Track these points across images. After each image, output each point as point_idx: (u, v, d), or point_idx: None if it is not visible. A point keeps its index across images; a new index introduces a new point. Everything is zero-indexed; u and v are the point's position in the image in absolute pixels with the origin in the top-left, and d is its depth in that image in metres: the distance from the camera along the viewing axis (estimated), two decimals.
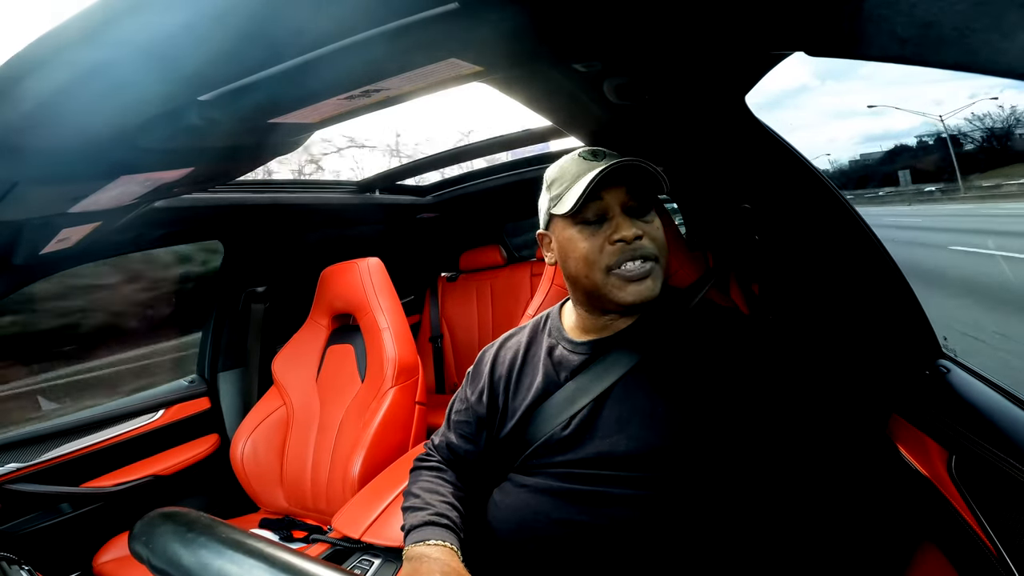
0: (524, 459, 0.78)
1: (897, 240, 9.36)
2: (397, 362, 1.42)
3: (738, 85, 0.73)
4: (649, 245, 0.74)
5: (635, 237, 0.73)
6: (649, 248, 0.74)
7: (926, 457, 0.76)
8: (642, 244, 0.74)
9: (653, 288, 0.74)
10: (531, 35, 0.57)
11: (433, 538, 0.70)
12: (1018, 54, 0.28)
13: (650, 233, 0.75)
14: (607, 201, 0.75)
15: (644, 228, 0.75)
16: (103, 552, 1.36)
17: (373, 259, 1.59)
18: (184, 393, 1.77)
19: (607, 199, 0.75)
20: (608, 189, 0.75)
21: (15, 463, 1.37)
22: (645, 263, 0.73)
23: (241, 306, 1.88)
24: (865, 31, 0.39)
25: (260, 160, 1.01)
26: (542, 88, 0.81)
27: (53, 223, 0.95)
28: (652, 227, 0.76)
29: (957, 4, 0.30)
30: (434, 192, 2.52)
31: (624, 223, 0.74)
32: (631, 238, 0.73)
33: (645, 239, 0.74)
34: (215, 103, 0.62)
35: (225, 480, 1.60)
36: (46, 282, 1.39)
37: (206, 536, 0.46)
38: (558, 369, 0.81)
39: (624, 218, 0.75)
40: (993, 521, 0.64)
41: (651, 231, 0.75)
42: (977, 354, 3.85)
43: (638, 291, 0.73)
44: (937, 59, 0.34)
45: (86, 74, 0.49)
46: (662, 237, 0.76)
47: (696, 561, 0.65)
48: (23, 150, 0.61)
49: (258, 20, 0.45)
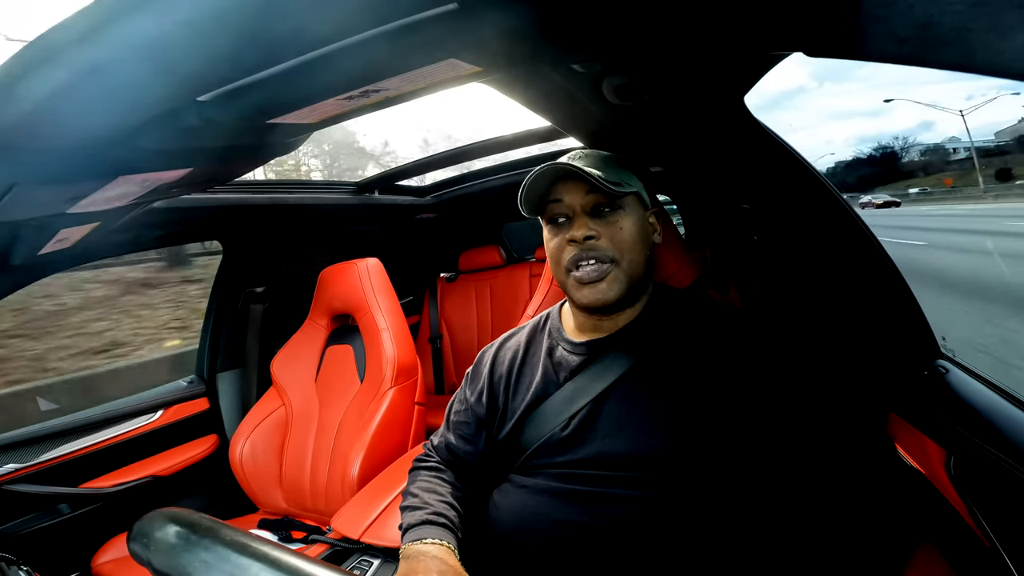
0: (523, 460, 0.78)
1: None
2: (396, 363, 1.42)
3: (737, 86, 0.73)
4: (605, 246, 0.74)
5: (585, 237, 0.73)
6: (604, 250, 0.74)
7: (924, 456, 0.77)
8: (595, 245, 0.74)
9: (607, 292, 0.74)
10: (530, 35, 0.57)
11: (430, 537, 0.70)
12: (1015, 54, 0.28)
13: (609, 234, 0.74)
14: (567, 202, 0.76)
15: (602, 229, 0.74)
16: (102, 553, 1.35)
17: (372, 259, 1.59)
18: (183, 393, 1.77)
19: (567, 200, 0.76)
20: (568, 190, 0.76)
21: (13, 463, 1.36)
22: (600, 264, 0.73)
23: (240, 306, 1.88)
24: (864, 31, 0.39)
25: (259, 161, 1.01)
26: (541, 88, 0.81)
27: (52, 223, 0.95)
28: (613, 228, 0.75)
29: (955, 4, 0.30)
30: (433, 192, 2.52)
31: (579, 223, 0.75)
32: (580, 238, 0.73)
33: (602, 240, 0.74)
34: (214, 104, 0.62)
35: (224, 480, 1.60)
36: None
37: (205, 537, 0.46)
38: (557, 369, 0.81)
39: (582, 218, 0.75)
40: (991, 520, 0.64)
41: (611, 231, 0.75)
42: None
43: (591, 294, 0.74)
44: (935, 59, 0.34)
45: (85, 74, 0.49)
46: (626, 237, 0.75)
47: (695, 561, 0.65)
48: (21, 150, 0.61)
49: (257, 21, 0.45)
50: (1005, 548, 0.61)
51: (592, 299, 0.74)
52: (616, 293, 0.74)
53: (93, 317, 5.74)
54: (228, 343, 1.88)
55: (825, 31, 0.44)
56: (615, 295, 0.74)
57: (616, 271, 0.74)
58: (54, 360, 4.90)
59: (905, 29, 0.34)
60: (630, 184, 0.77)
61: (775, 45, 0.57)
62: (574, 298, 0.77)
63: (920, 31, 0.33)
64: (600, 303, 0.74)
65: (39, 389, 4.01)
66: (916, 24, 0.33)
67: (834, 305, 1.04)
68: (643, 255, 0.78)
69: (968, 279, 6.58)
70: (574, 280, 0.75)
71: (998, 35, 0.28)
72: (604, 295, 0.74)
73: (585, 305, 0.76)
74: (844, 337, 1.01)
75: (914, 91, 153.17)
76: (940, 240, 11.57)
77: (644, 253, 0.78)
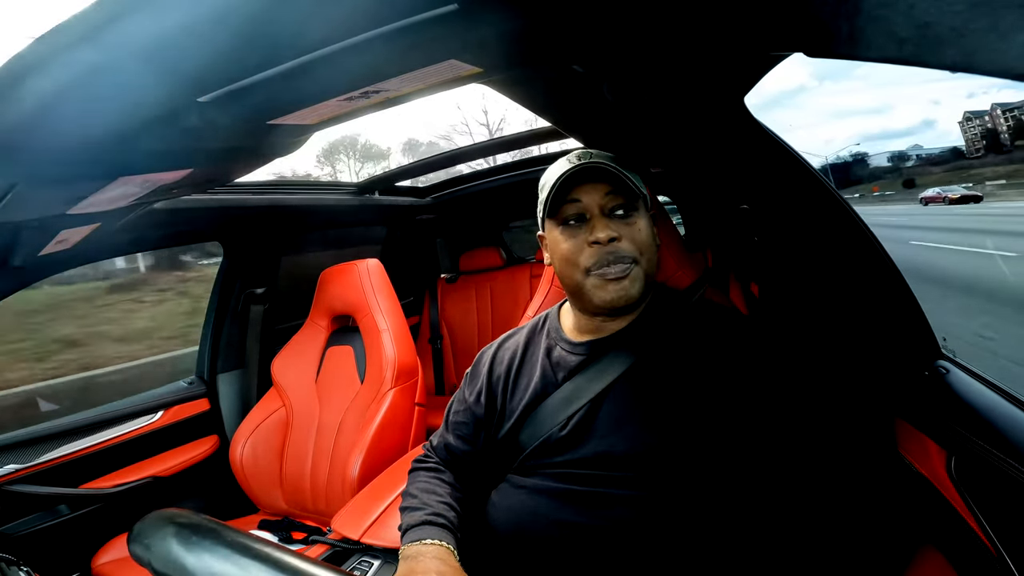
0: (522, 460, 0.78)
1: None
2: (396, 363, 1.42)
3: (737, 86, 0.73)
4: (626, 247, 0.74)
5: (609, 239, 0.73)
6: (626, 250, 0.74)
7: (926, 458, 0.76)
8: (618, 247, 0.74)
9: (630, 289, 0.74)
10: (530, 37, 0.57)
11: (430, 537, 0.70)
12: (1015, 55, 0.28)
13: (629, 234, 0.75)
14: (585, 202, 0.76)
15: (622, 229, 0.75)
16: (102, 553, 1.36)
17: (372, 260, 1.59)
18: (183, 394, 1.77)
19: (585, 200, 0.76)
20: (586, 191, 0.76)
21: (14, 464, 1.36)
22: (621, 265, 0.74)
23: (240, 307, 1.88)
24: (864, 32, 0.39)
25: (259, 161, 1.01)
26: (541, 89, 0.81)
27: (52, 224, 0.95)
28: (633, 228, 0.76)
29: (955, 5, 0.30)
30: (434, 193, 2.52)
31: (600, 224, 0.75)
32: (605, 240, 0.73)
33: (623, 241, 0.74)
34: (214, 104, 0.62)
35: (224, 481, 1.60)
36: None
37: (205, 537, 0.46)
38: (556, 370, 0.81)
39: (601, 219, 0.75)
40: (993, 522, 0.64)
41: (631, 232, 0.75)
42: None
43: (615, 292, 0.74)
44: (935, 60, 0.34)
45: (85, 75, 0.49)
46: (644, 238, 0.76)
47: (694, 561, 0.65)
48: (22, 151, 0.61)
49: (258, 21, 0.45)
50: (1007, 549, 0.61)
51: (616, 295, 0.74)
52: (638, 291, 0.75)
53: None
54: (228, 344, 1.88)
55: (825, 32, 0.44)
56: (637, 292, 0.75)
57: (637, 270, 0.75)
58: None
59: (905, 30, 0.34)
60: (642, 186, 0.78)
61: (775, 46, 0.57)
62: (595, 297, 0.76)
63: (920, 32, 0.33)
64: (624, 300, 0.74)
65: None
66: (916, 25, 0.33)
67: (834, 305, 1.04)
68: (656, 256, 0.80)
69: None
70: (596, 279, 0.74)
71: (998, 35, 0.28)
72: (628, 291, 0.74)
73: (607, 303, 0.75)
74: (844, 337, 1.01)
75: (914, 89, 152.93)
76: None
77: (656, 254, 0.80)
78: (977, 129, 62.02)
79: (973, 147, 61.08)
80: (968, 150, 61.26)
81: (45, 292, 5.75)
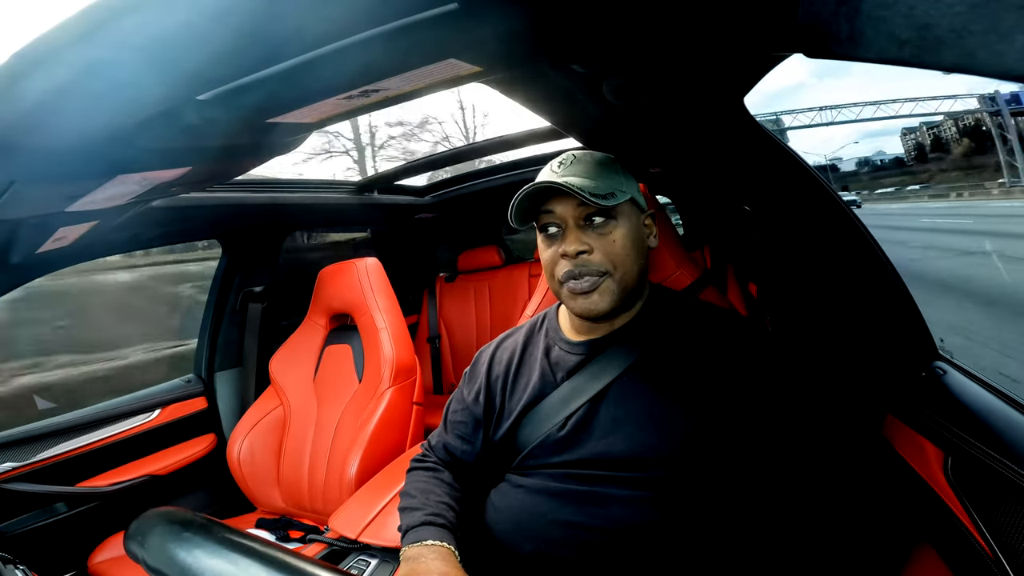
0: (520, 459, 0.78)
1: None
2: (395, 362, 1.42)
3: (737, 87, 0.73)
4: (597, 259, 0.73)
5: (577, 252, 0.72)
6: (596, 264, 0.73)
7: (922, 458, 0.77)
8: (587, 260, 0.73)
9: (599, 303, 0.73)
10: (530, 36, 0.57)
11: (430, 538, 0.70)
12: (1015, 56, 0.28)
13: (602, 246, 0.73)
14: (559, 213, 0.75)
15: (595, 241, 0.73)
16: (98, 552, 1.35)
17: (371, 259, 1.59)
18: (181, 392, 1.77)
19: (558, 211, 0.75)
20: (560, 201, 0.74)
21: (10, 462, 1.36)
22: (592, 277, 0.73)
23: (239, 305, 1.88)
24: (864, 33, 0.39)
25: (258, 160, 1.01)
26: (541, 89, 0.81)
27: (50, 222, 0.95)
28: (606, 240, 0.74)
29: (955, 6, 0.30)
30: (433, 192, 2.52)
31: (571, 237, 0.74)
32: (573, 254, 0.73)
33: (595, 253, 0.73)
34: (214, 103, 0.62)
35: (221, 480, 1.59)
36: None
37: (202, 536, 0.46)
38: (554, 369, 0.81)
39: (574, 231, 0.74)
40: (988, 522, 0.64)
41: (604, 244, 0.74)
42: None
43: (584, 305, 0.74)
44: (935, 61, 0.34)
45: (84, 73, 0.49)
46: (619, 249, 0.74)
47: (693, 561, 0.65)
48: (20, 149, 0.61)
49: (257, 20, 0.45)
50: (1002, 550, 0.61)
51: (583, 308, 0.74)
52: (608, 304, 0.74)
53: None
54: (226, 342, 1.88)
55: (825, 33, 0.44)
56: (607, 306, 0.74)
57: (608, 282, 0.74)
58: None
59: (905, 31, 0.34)
60: (623, 191, 0.75)
61: (775, 47, 0.57)
62: (569, 307, 0.77)
63: (920, 33, 0.33)
64: (592, 314, 0.74)
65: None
66: (916, 26, 0.33)
67: (832, 306, 1.04)
68: (637, 264, 0.76)
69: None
70: (567, 291, 0.75)
71: (998, 37, 0.28)
72: (596, 306, 0.73)
73: (577, 314, 0.77)
74: (842, 338, 1.01)
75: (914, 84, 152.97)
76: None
77: (638, 262, 0.77)
78: (911, 142, 72.83)
79: (909, 157, 72.76)
80: (907, 159, 72.62)
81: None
